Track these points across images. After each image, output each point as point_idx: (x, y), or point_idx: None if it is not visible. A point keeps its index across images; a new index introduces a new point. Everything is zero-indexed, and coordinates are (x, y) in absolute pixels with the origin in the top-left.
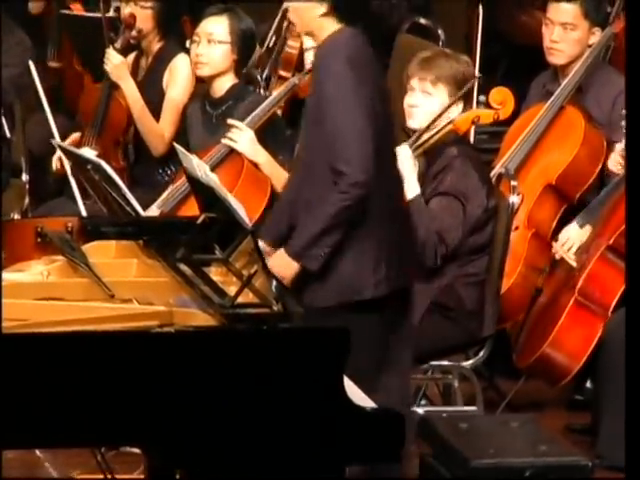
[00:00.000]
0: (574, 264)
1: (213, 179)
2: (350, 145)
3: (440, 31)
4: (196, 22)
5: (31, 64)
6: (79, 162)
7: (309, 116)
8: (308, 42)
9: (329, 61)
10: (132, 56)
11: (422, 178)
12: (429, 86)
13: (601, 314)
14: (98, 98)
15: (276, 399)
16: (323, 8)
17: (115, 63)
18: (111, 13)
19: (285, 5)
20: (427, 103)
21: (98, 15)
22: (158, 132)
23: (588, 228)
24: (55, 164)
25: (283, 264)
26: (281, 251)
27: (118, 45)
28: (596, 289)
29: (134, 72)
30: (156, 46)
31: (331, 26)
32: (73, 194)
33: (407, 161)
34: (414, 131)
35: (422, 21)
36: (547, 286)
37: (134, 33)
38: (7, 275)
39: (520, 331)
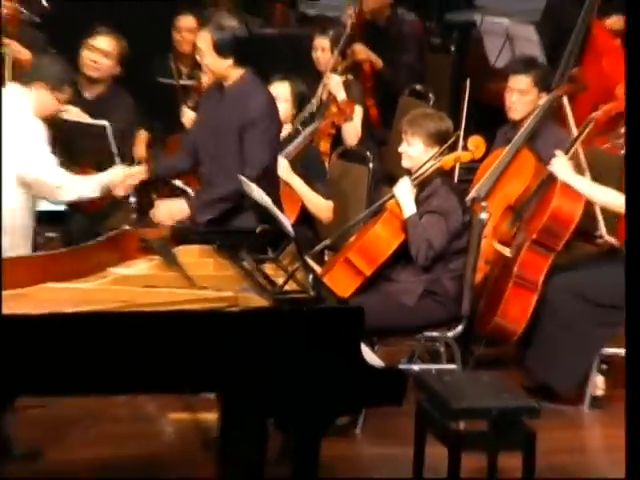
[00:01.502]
0: (510, 255)
1: (267, 201)
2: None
3: (431, 94)
4: None
5: None
6: None
7: (229, 124)
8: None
9: (259, 96)
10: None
11: (415, 201)
12: (409, 138)
13: (534, 289)
14: None
15: (313, 360)
16: (229, 60)
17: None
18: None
19: (326, 80)
20: (409, 150)
21: (102, 122)
22: None
23: None
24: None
25: None
26: None
27: (190, 104)
28: (527, 272)
29: None
30: None
31: (236, 72)
32: None
33: (407, 189)
34: (407, 170)
35: (418, 87)
36: (497, 273)
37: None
38: (120, 270)
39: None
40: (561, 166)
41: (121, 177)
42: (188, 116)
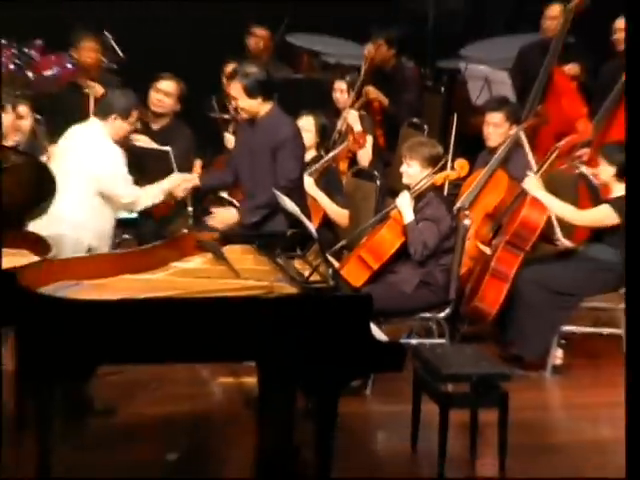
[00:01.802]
0: (489, 252)
1: (296, 209)
2: (289, 173)
3: (425, 126)
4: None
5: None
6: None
7: (262, 147)
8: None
9: (286, 125)
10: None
11: (413, 210)
12: (408, 161)
13: (506, 280)
14: None
15: (332, 336)
16: (258, 99)
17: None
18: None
19: (345, 115)
20: (408, 170)
21: (166, 148)
22: None
23: None
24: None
25: None
26: None
27: (231, 130)
28: (501, 266)
29: None
30: None
31: (265, 107)
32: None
33: (407, 201)
34: (406, 186)
35: (415, 120)
36: (480, 265)
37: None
38: (180, 264)
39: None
40: (531, 183)
41: (178, 181)
42: (230, 140)
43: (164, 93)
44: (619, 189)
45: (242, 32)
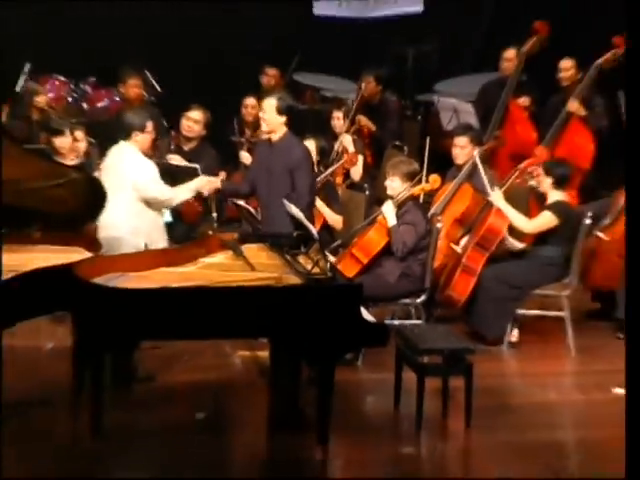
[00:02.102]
0: (459, 251)
1: (300, 215)
2: (305, 192)
3: (405, 147)
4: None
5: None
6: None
7: (279, 166)
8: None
9: (299, 147)
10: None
11: (395, 216)
12: (390, 177)
13: (474, 274)
14: None
15: (330, 317)
16: (283, 118)
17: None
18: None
19: (341, 138)
20: (391, 184)
21: (195, 165)
22: None
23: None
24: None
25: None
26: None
27: (245, 149)
28: (470, 262)
29: None
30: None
31: (282, 129)
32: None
33: (390, 208)
34: (390, 196)
35: (397, 143)
36: (452, 261)
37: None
38: (206, 259)
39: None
40: (497, 197)
41: (204, 182)
42: (245, 157)
43: (193, 121)
44: (555, 195)
45: (257, 72)
